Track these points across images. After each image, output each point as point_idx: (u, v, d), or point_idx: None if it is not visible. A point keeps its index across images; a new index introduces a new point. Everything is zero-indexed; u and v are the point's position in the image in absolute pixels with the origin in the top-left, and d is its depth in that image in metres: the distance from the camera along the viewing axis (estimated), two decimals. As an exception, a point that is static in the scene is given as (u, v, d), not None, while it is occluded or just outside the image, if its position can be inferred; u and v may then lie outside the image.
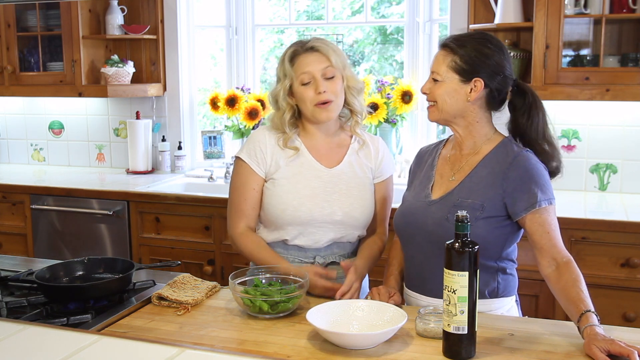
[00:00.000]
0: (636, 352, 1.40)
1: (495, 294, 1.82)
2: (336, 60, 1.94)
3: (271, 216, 2.00)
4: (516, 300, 1.90)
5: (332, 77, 1.94)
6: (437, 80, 1.80)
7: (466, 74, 1.78)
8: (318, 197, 1.98)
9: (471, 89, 1.78)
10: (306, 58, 1.95)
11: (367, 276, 2.14)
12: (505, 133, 1.89)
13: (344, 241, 2.03)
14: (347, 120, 2.08)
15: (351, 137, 2.07)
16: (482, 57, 1.77)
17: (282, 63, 2.00)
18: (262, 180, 2.02)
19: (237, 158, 2.05)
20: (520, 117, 1.85)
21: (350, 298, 1.82)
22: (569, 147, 3.24)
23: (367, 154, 2.07)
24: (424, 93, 1.85)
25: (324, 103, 1.94)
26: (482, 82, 1.78)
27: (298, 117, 2.05)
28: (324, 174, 2.01)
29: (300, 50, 1.97)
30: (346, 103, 2.03)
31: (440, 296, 1.77)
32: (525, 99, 1.85)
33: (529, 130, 1.84)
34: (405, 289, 1.92)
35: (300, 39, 2.04)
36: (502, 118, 1.91)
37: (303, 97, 1.96)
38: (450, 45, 1.80)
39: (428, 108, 1.87)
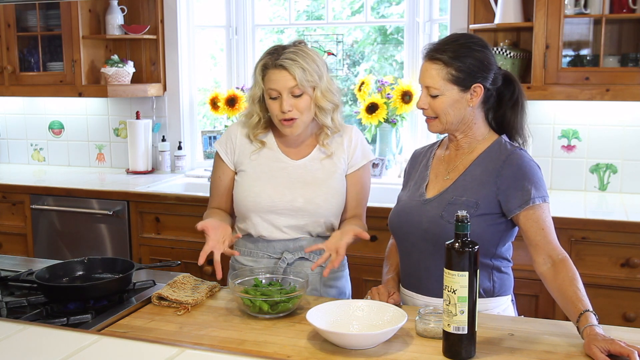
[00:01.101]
0: (636, 352, 1.41)
1: (491, 293, 1.82)
2: (301, 79, 1.91)
3: (237, 206, 2.06)
4: (512, 300, 1.90)
5: (300, 95, 1.94)
6: (435, 95, 1.78)
7: (464, 83, 1.77)
8: (280, 185, 2.01)
9: (471, 95, 1.78)
10: (274, 74, 1.94)
11: (350, 286, 2.16)
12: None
13: (312, 235, 2.03)
14: (320, 132, 2.05)
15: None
16: (475, 62, 1.76)
17: (255, 70, 2.01)
18: (230, 171, 2.09)
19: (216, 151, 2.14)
20: (507, 108, 1.85)
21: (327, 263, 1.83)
22: (569, 147, 3.24)
23: (339, 144, 2.06)
24: (422, 108, 1.83)
25: (289, 120, 1.95)
26: (482, 87, 1.78)
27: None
28: (289, 166, 2.03)
29: (270, 64, 1.95)
30: (317, 118, 2.01)
31: (435, 295, 1.78)
32: (514, 89, 1.85)
33: (514, 121, 1.85)
34: (401, 288, 1.92)
35: (277, 46, 1.99)
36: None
37: (271, 110, 1.99)
38: (442, 57, 1.76)
39: (427, 121, 1.84)
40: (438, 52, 1.78)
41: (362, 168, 2.07)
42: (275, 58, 1.94)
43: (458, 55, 1.76)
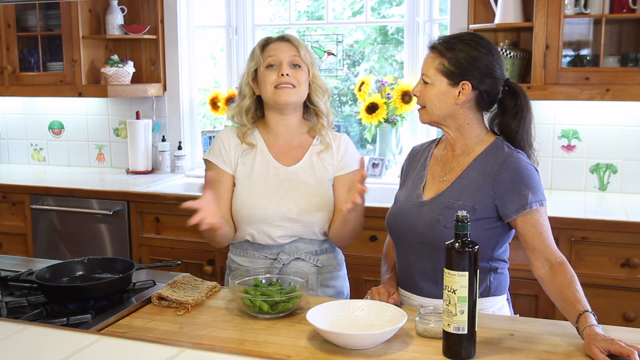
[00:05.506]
0: (636, 352, 1.40)
1: (486, 292, 1.82)
2: (305, 54, 2.00)
3: (233, 215, 2.05)
4: (507, 299, 1.90)
5: (299, 67, 1.99)
6: (427, 83, 1.80)
7: (454, 77, 1.77)
8: (274, 195, 1.99)
9: (459, 92, 1.78)
10: (276, 45, 2.01)
11: (347, 285, 2.16)
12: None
13: (307, 238, 2.03)
14: (315, 125, 2.07)
15: (314, 138, 2.07)
16: (471, 60, 1.76)
17: (252, 51, 2.06)
18: (231, 176, 2.05)
19: (206, 161, 2.08)
20: (510, 118, 1.84)
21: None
22: (569, 147, 3.24)
23: (330, 152, 2.07)
24: (415, 95, 1.85)
25: (287, 85, 1.96)
26: (470, 86, 1.77)
27: (260, 115, 2.08)
28: (281, 172, 2.02)
29: (272, 38, 2.04)
30: (311, 102, 2.04)
31: (430, 295, 1.79)
32: (517, 101, 1.83)
33: (516, 133, 1.83)
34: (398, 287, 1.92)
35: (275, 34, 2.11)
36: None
37: (265, 80, 1.99)
38: (439, 47, 1.79)
39: (418, 110, 1.87)
40: (440, 44, 1.80)
41: (350, 173, 2.05)
42: (277, 36, 2.04)
43: (454, 49, 1.77)
